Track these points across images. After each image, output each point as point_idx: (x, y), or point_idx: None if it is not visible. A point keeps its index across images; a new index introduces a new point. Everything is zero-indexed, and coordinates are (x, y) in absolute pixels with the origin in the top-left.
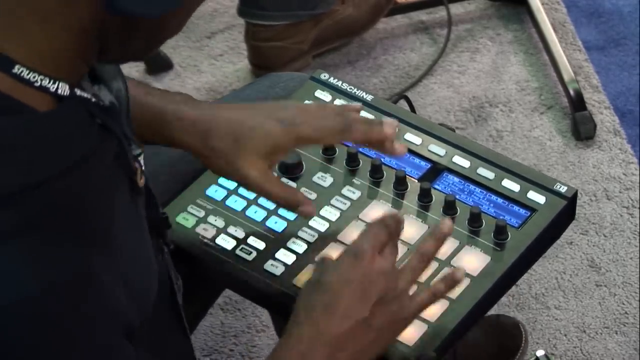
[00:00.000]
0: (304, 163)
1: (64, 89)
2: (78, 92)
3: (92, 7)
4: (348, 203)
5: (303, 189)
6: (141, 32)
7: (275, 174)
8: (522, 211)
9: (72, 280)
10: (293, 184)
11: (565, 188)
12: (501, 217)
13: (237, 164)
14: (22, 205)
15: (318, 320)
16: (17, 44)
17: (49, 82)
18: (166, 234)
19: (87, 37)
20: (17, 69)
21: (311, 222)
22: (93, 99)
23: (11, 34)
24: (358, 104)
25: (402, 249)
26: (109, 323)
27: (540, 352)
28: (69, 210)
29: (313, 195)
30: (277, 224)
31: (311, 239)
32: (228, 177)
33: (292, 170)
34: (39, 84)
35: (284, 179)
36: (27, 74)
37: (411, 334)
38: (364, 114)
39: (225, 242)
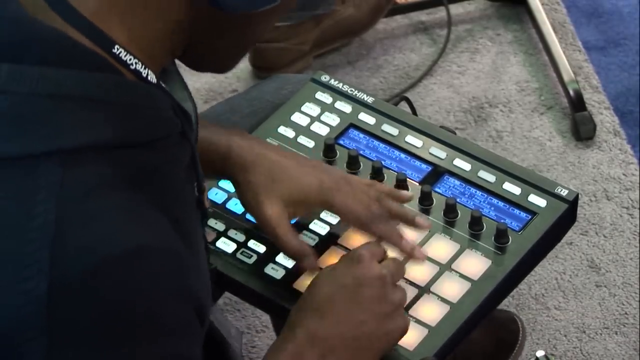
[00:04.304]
0: None
1: (152, 77)
2: (163, 85)
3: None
4: None
5: None
6: (227, 34)
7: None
8: (523, 215)
9: (158, 248)
10: None
11: (566, 191)
12: (502, 221)
13: (262, 200)
14: (120, 162)
15: (309, 324)
16: (119, 27)
17: (142, 67)
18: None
19: (179, 29)
20: (116, 49)
21: (312, 226)
22: (175, 96)
23: (114, 17)
24: (409, 194)
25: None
26: (185, 299)
27: (540, 353)
28: (157, 182)
29: None
30: None
31: (312, 243)
32: (248, 211)
33: None
34: (133, 67)
35: None
36: (125, 56)
37: (412, 338)
38: (364, 117)
39: (226, 246)
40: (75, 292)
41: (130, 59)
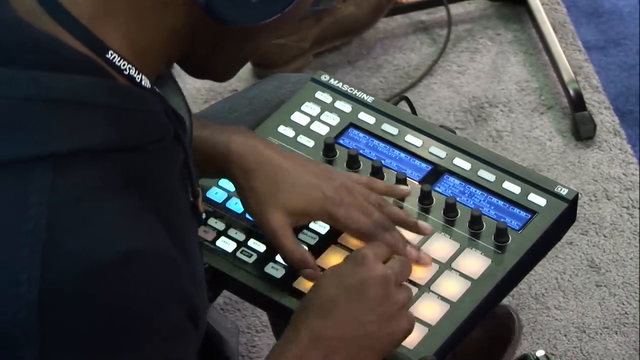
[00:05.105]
0: None
1: (146, 82)
2: (157, 89)
3: (186, 10)
4: None
5: None
6: (227, 45)
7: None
8: (523, 214)
9: (151, 253)
10: None
11: (566, 190)
12: (502, 220)
13: (265, 208)
14: (113, 166)
15: (313, 324)
16: (113, 33)
17: (135, 72)
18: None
19: (176, 38)
20: (110, 55)
21: (312, 225)
22: (169, 101)
23: (109, 23)
24: (407, 189)
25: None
26: (178, 302)
27: (540, 352)
28: (150, 186)
29: None
30: None
31: (312, 242)
32: (252, 216)
33: None
34: (127, 72)
35: None
36: (119, 61)
37: (412, 337)
38: (364, 115)
39: (226, 245)
40: (67, 298)
41: (124, 65)
